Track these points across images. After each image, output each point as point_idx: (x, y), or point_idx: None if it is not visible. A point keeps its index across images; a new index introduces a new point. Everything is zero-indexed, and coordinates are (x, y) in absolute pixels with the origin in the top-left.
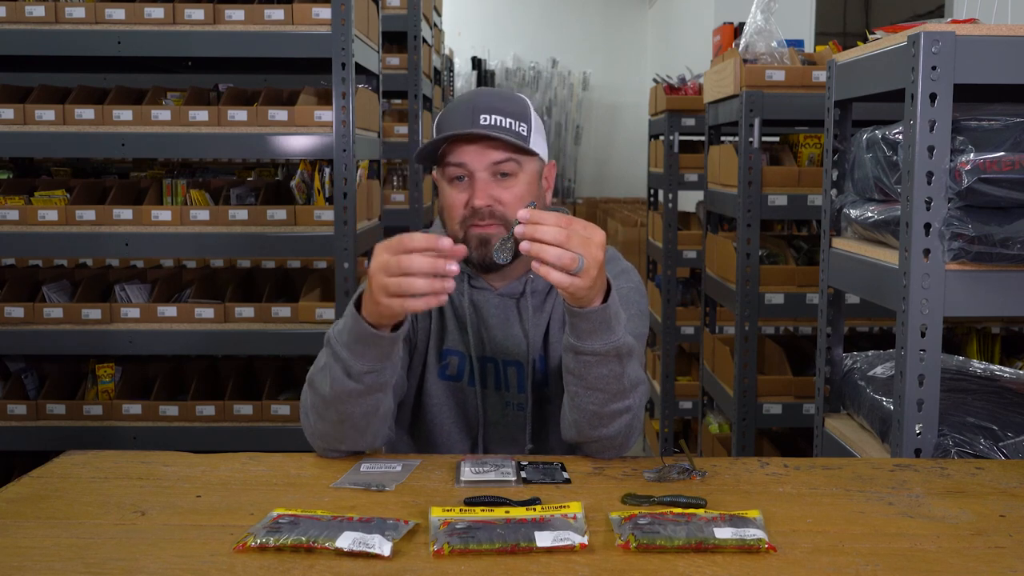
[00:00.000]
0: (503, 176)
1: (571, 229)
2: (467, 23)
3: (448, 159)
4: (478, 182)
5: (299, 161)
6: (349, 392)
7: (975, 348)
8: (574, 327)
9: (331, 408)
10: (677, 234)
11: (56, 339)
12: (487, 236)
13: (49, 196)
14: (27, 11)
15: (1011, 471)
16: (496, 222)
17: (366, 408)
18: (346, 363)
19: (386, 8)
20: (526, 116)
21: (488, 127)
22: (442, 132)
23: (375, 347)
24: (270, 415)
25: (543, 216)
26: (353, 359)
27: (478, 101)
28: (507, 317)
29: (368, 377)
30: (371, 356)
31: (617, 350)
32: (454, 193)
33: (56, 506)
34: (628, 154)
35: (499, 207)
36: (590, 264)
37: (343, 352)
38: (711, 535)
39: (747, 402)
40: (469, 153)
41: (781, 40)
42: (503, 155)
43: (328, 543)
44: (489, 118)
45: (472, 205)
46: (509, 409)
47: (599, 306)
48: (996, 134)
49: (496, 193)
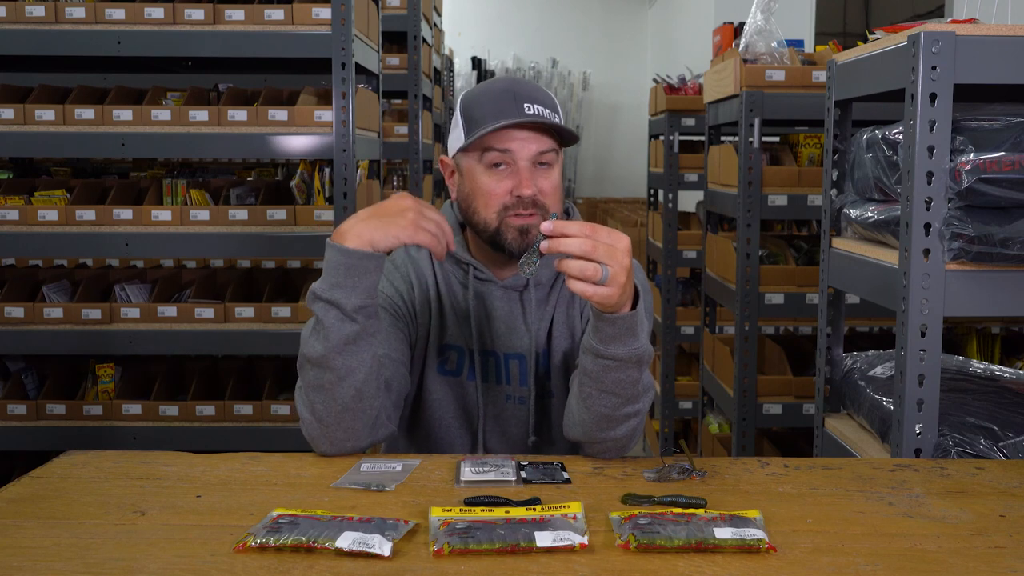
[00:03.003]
0: (541, 166)
1: (595, 237)
2: (467, 23)
3: (492, 144)
4: (523, 171)
5: (299, 161)
6: (346, 337)
7: (975, 348)
8: (598, 330)
9: (330, 368)
10: (677, 234)
11: (56, 339)
12: (528, 226)
13: (49, 196)
14: (27, 11)
15: (1011, 471)
16: (537, 212)
17: (362, 359)
18: (339, 304)
19: (386, 8)
20: (558, 109)
21: (534, 116)
22: (485, 119)
23: (365, 274)
24: (270, 415)
25: (567, 227)
26: (346, 296)
27: (518, 89)
28: (511, 310)
29: (362, 313)
30: (362, 287)
31: (639, 357)
32: (492, 181)
33: (56, 506)
34: (628, 154)
35: (541, 197)
36: (617, 272)
37: (335, 293)
38: (711, 535)
39: (747, 402)
40: (517, 141)
41: (781, 40)
42: (548, 144)
43: (328, 543)
44: (533, 107)
45: (519, 194)
46: (510, 403)
47: (627, 313)
48: (996, 134)
49: (539, 183)
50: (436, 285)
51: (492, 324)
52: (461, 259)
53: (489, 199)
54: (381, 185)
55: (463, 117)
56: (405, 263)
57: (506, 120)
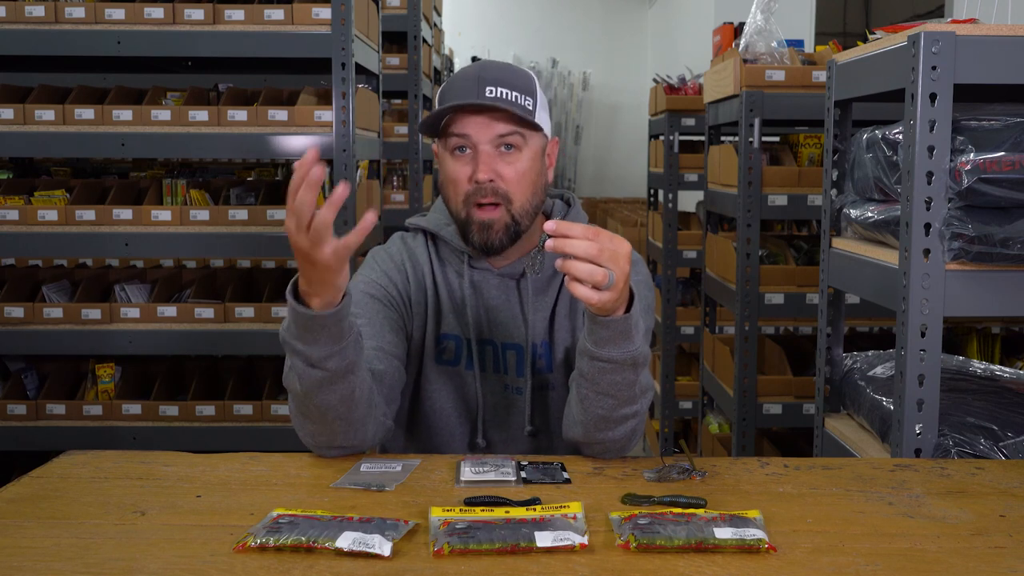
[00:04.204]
0: (507, 149)
1: (599, 241)
2: (467, 23)
3: (451, 129)
4: (482, 155)
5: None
6: (318, 382)
7: (975, 348)
8: (593, 333)
9: (309, 405)
10: (677, 234)
11: (56, 339)
12: (490, 222)
13: (49, 196)
14: (27, 11)
15: (1011, 471)
16: (498, 200)
17: (342, 394)
18: (305, 355)
19: (386, 8)
20: (531, 90)
21: (494, 99)
22: (446, 102)
23: (323, 330)
24: (270, 415)
25: (571, 228)
26: (308, 348)
27: (484, 73)
28: (507, 298)
29: (330, 362)
30: (324, 340)
31: (634, 359)
32: (456, 166)
33: (56, 506)
34: (628, 154)
35: (501, 184)
36: (618, 277)
37: (297, 345)
38: (711, 535)
39: (747, 402)
40: (473, 124)
41: (781, 40)
42: (508, 128)
43: (328, 543)
44: (495, 90)
45: (475, 179)
46: (508, 392)
47: (621, 316)
48: (996, 134)
49: (499, 168)
50: (432, 274)
51: (489, 313)
52: (457, 247)
53: (455, 186)
54: (381, 185)
55: (438, 103)
56: (400, 252)
57: (462, 102)
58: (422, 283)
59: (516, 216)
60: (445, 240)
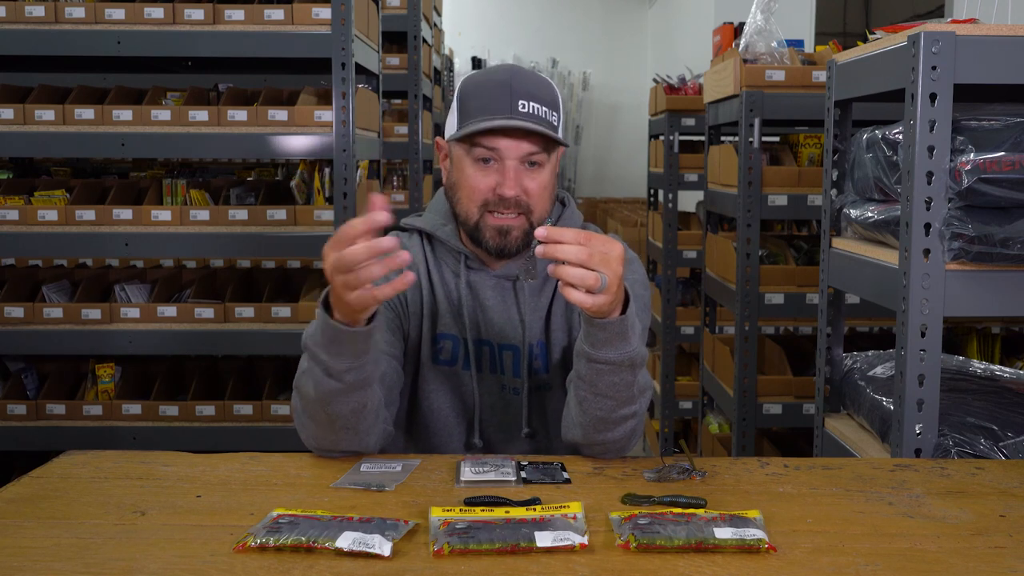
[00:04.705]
0: (531, 165)
1: (590, 246)
2: (467, 23)
3: (481, 141)
4: (509, 170)
5: (299, 161)
6: (333, 392)
7: (975, 348)
8: (589, 335)
9: (319, 410)
10: (677, 234)
11: (56, 339)
12: (508, 227)
13: (49, 196)
14: (27, 11)
15: (1011, 471)
16: (519, 211)
17: (353, 406)
18: (325, 364)
19: (386, 8)
20: (557, 104)
21: (527, 115)
22: (476, 111)
23: (350, 344)
24: (270, 415)
25: (562, 234)
26: (331, 359)
27: (515, 84)
28: (504, 299)
29: (349, 375)
30: (348, 353)
31: (631, 360)
32: (479, 175)
33: (56, 506)
34: (628, 154)
35: (524, 198)
36: (611, 280)
37: (320, 354)
38: (711, 535)
39: (747, 402)
40: (506, 140)
41: (781, 40)
42: (537, 147)
43: (328, 543)
44: (528, 105)
45: (502, 194)
46: (506, 393)
47: (617, 318)
48: (996, 134)
49: (525, 183)
50: (428, 274)
51: (485, 314)
52: (453, 248)
53: (473, 193)
54: (381, 185)
55: (458, 105)
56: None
57: (498, 118)
58: (418, 283)
59: (533, 223)
60: (441, 240)
